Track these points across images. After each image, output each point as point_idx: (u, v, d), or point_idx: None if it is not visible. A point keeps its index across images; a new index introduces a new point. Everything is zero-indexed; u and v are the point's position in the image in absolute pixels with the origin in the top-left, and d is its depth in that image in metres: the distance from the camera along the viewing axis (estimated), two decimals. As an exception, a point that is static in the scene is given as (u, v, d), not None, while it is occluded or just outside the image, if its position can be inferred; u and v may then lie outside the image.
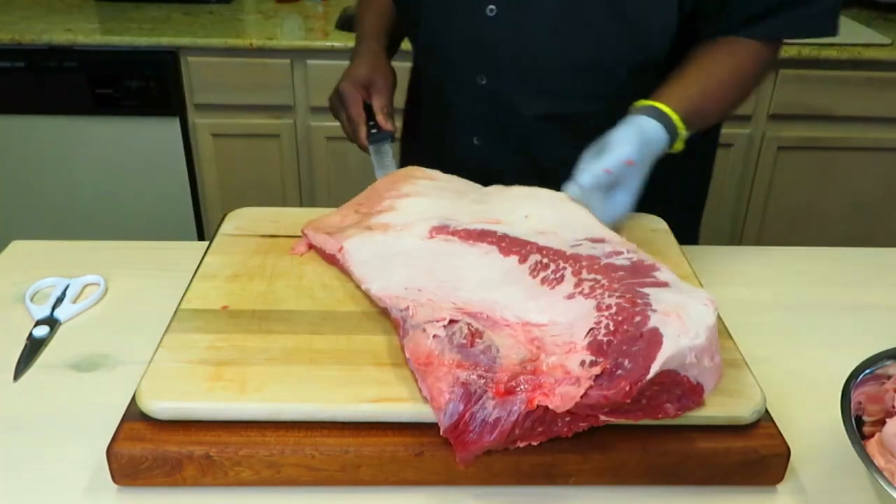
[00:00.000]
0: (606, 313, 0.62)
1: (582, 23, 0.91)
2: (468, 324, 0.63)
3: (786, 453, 0.62)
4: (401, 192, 0.86)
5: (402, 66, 1.12)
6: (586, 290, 0.65)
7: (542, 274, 0.70)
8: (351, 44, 1.16)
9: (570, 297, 0.66)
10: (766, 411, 0.64)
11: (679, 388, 0.59)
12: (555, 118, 0.98)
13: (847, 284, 0.93)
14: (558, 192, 0.82)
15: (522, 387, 0.58)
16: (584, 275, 0.67)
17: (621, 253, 0.69)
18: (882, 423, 0.62)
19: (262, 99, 2.03)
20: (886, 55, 1.98)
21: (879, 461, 0.58)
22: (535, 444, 0.59)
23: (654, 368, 0.56)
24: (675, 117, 0.85)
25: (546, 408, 0.57)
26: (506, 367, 0.60)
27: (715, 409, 0.62)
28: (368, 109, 1.03)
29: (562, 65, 0.94)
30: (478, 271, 0.71)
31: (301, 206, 2.20)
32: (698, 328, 0.59)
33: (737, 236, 2.25)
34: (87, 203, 2.17)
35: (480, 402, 0.58)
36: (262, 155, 2.12)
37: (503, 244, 0.74)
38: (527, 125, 1.00)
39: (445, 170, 0.93)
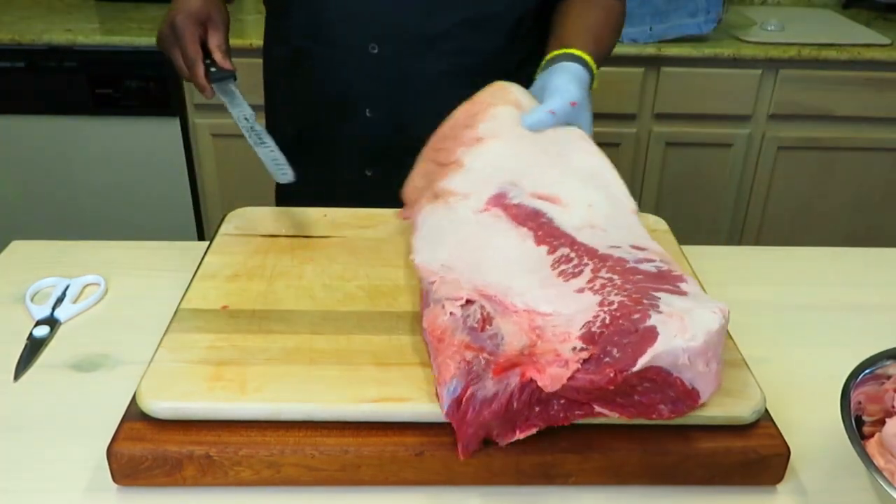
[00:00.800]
0: (607, 308, 0.62)
1: None
2: (482, 307, 0.65)
3: (786, 453, 0.62)
4: (476, 134, 0.84)
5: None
6: (597, 287, 0.66)
7: (562, 267, 0.70)
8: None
9: (580, 290, 0.66)
10: (766, 411, 0.64)
11: (672, 389, 0.59)
12: (448, 75, 1.02)
13: (847, 284, 0.93)
14: (629, 201, 0.81)
15: (518, 367, 0.60)
16: (602, 273, 0.67)
17: (653, 261, 0.69)
18: (882, 423, 0.62)
19: (261, 99, 2.02)
20: (886, 55, 1.98)
21: (879, 461, 0.58)
22: (534, 431, 0.60)
23: (642, 361, 0.57)
24: (589, 60, 0.92)
25: (540, 387, 0.58)
26: (507, 354, 0.61)
27: (715, 409, 0.62)
28: (203, 48, 0.97)
29: (450, 25, 0.99)
30: (508, 254, 0.72)
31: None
32: (697, 331, 0.59)
33: (737, 236, 2.25)
34: (87, 203, 2.17)
35: (481, 381, 0.59)
36: (262, 155, 2.12)
37: (540, 233, 0.74)
38: (420, 90, 1.02)
39: (337, 148, 0.98)
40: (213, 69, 0.94)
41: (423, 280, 0.71)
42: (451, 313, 0.65)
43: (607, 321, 0.61)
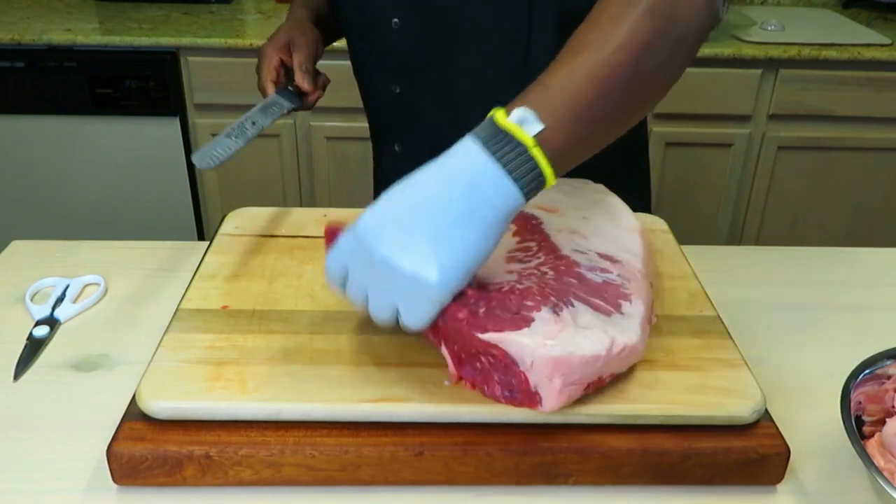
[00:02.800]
0: (513, 286, 0.64)
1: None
2: None
3: (786, 453, 0.62)
4: None
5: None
6: (525, 273, 0.67)
7: (516, 254, 0.71)
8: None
9: (510, 272, 0.68)
10: (766, 411, 0.64)
11: (514, 379, 0.59)
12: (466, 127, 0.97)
13: (847, 284, 0.93)
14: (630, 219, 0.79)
15: None
16: (543, 268, 0.68)
17: (609, 273, 0.69)
18: (882, 423, 0.62)
19: (262, 99, 2.03)
20: (886, 55, 1.98)
21: (879, 461, 0.59)
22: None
23: (490, 336, 0.57)
24: (524, 139, 0.57)
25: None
26: None
27: (715, 409, 0.62)
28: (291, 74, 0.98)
29: (464, 74, 0.94)
30: None
31: (301, 206, 2.19)
32: (562, 345, 0.57)
33: (737, 236, 2.25)
34: (87, 203, 2.17)
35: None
36: (262, 155, 2.12)
37: (521, 228, 0.76)
38: (441, 134, 1.00)
39: (377, 175, 0.94)
40: (289, 88, 0.97)
41: None
42: None
43: (503, 290, 0.62)
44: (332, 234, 0.62)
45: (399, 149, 1.05)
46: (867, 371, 0.64)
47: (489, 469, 0.62)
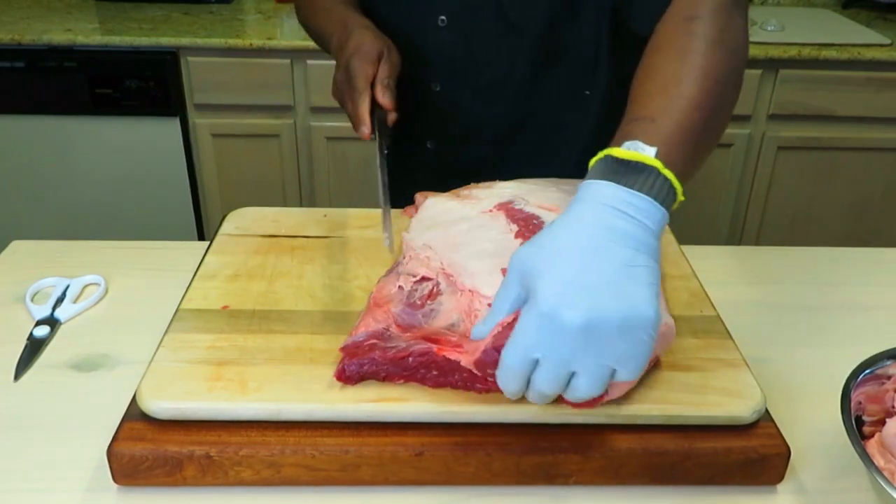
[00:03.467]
0: None
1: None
2: (437, 283, 0.68)
3: (786, 453, 0.62)
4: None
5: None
6: None
7: None
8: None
9: None
10: (766, 411, 0.64)
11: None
12: (501, 124, 0.98)
13: (847, 284, 0.93)
14: None
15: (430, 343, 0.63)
16: None
17: None
18: (882, 423, 0.62)
19: (262, 99, 2.03)
20: (886, 55, 1.98)
21: (879, 461, 0.59)
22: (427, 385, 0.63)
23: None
24: (666, 173, 0.58)
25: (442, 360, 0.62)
26: (428, 329, 0.64)
27: (715, 409, 0.62)
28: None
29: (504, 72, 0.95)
30: (485, 242, 0.73)
31: (301, 206, 2.20)
32: None
33: (737, 236, 2.25)
34: (87, 203, 2.17)
35: (388, 339, 0.64)
36: (262, 155, 2.12)
37: (524, 229, 0.75)
38: (476, 131, 1.00)
39: (401, 173, 0.93)
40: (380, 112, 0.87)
41: (403, 254, 0.73)
42: (399, 287, 0.69)
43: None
44: (351, 354, 0.63)
45: (431, 146, 1.05)
46: (867, 371, 0.64)
47: (489, 469, 0.62)
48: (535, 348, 0.52)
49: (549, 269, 0.53)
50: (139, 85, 2.00)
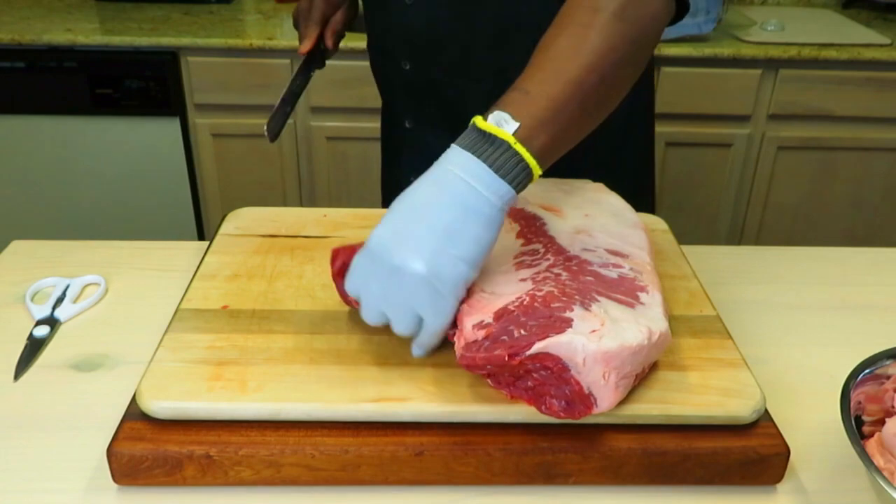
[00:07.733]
0: (533, 294, 0.63)
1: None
2: None
3: (785, 453, 0.62)
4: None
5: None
6: (539, 279, 0.67)
7: (524, 258, 0.71)
8: (351, 44, 1.16)
9: (524, 280, 0.67)
10: (766, 411, 0.64)
11: (568, 387, 0.58)
12: (473, 95, 0.97)
13: (847, 284, 0.93)
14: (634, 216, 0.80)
15: None
16: (555, 269, 0.68)
17: (621, 268, 0.69)
18: (882, 422, 0.62)
19: (262, 99, 2.03)
20: (886, 55, 1.98)
21: (879, 461, 0.58)
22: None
23: (539, 345, 0.56)
24: (521, 150, 0.61)
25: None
26: None
27: (715, 409, 0.62)
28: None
29: (474, 52, 0.96)
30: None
31: (301, 206, 2.20)
32: (610, 338, 0.57)
33: (737, 236, 2.25)
34: (87, 203, 2.17)
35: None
36: (262, 155, 2.12)
37: (525, 230, 0.76)
38: (452, 111, 1.00)
39: (390, 156, 0.98)
40: (323, 47, 1.07)
41: None
42: None
43: (525, 302, 0.62)
44: (338, 257, 0.64)
45: (410, 125, 1.06)
46: (867, 371, 0.64)
47: (489, 469, 0.62)
48: (359, 282, 0.62)
49: (386, 217, 0.61)
50: (139, 85, 2.00)
